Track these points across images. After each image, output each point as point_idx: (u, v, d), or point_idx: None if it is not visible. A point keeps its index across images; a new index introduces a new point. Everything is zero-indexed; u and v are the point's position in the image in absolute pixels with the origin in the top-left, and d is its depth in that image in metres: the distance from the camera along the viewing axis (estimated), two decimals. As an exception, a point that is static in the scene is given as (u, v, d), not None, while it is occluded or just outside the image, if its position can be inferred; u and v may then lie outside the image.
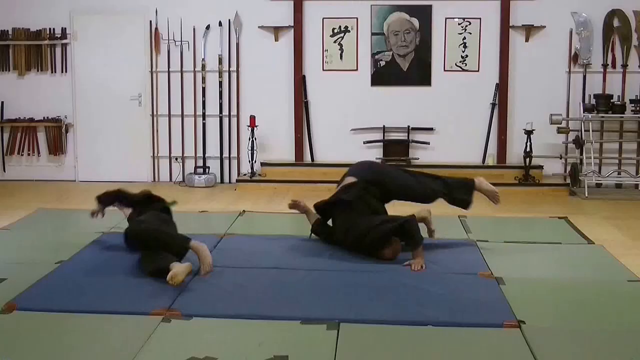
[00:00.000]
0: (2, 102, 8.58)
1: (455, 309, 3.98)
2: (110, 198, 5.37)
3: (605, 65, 8.00)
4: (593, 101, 7.91)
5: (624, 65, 7.99)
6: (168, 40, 8.35)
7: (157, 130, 8.52)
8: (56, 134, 8.54)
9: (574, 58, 8.03)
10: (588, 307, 4.09)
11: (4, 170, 8.70)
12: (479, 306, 4.04)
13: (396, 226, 4.74)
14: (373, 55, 8.25)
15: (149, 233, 4.63)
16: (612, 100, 7.84)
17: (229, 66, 8.35)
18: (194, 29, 8.33)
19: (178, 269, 4.23)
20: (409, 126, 8.20)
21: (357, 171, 5.28)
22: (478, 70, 8.14)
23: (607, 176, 7.91)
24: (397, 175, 5.30)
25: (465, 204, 5.27)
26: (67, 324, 3.85)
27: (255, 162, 8.19)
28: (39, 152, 8.63)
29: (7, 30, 8.50)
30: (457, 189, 5.23)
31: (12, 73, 8.58)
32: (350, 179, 5.19)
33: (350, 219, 4.94)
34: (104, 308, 4.04)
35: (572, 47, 8.02)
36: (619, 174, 7.99)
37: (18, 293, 4.25)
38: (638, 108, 7.77)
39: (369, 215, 4.95)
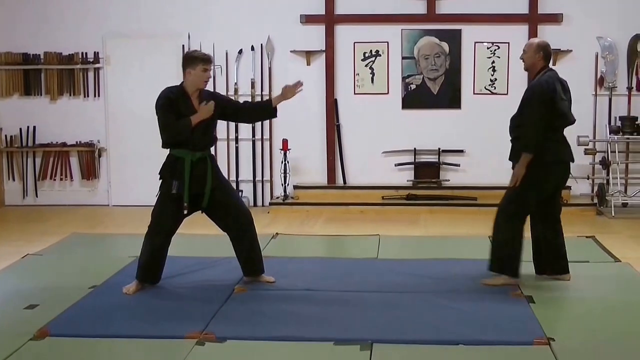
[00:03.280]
0: (34, 127, 8.54)
1: (486, 328, 4.12)
2: None
3: (630, 88, 8.17)
4: (619, 123, 8.08)
5: (648, 88, 8.21)
6: (201, 64, 8.37)
7: (190, 154, 8.54)
8: (89, 159, 8.53)
9: (600, 81, 8.20)
10: (616, 324, 4.24)
11: (37, 196, 8.64)
12: (510, 324, 4.18)
13: None
14: (404, 78, 8.36)
15: None
16: (637, 122, 8.01)
17: (262, 90, 8.39)
18: (226, 54, 8.37)
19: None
20: (439, 148, 8.34)
21: None
22: (507, 94, 8.23)
23: (633, 196, 8.09)
24: None
25: None
26: (100, 350, 3.88)
27: (288, 185, 8.27)
28: (71, 177, 8.59)
29: (39, 55, 8.44)
30: None
31: (44, 97, 8.53)
32: None
33: None
34: (138, 332, 4.07)
35: (597, 70, 8.19)
36: (644, 194, 8.20)
37: (50, 319, 4.25)
38: (663, 130, 7.98)
39: None
